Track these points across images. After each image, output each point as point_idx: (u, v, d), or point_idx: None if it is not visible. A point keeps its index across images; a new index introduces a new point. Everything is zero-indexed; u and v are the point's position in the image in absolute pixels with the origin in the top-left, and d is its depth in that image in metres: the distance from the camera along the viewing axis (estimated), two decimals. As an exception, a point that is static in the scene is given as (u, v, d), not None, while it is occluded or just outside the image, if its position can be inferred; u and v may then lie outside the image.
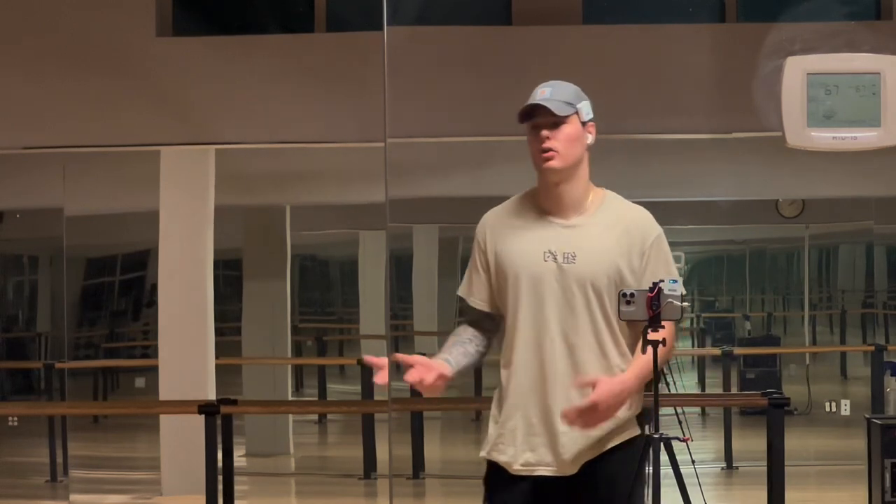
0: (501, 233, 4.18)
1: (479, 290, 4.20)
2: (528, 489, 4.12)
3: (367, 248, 12.30)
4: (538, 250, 4.11)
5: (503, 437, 4.13)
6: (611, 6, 8.07)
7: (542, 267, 4.09)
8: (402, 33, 7.26)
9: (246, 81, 7.77)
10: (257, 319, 11.45)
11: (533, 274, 4.09)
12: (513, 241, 4.15)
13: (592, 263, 4.08)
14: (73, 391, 10.53)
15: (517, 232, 4.16)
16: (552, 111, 4.06)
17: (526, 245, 4.13)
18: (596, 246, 4.10)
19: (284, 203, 11.53)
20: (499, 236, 4.18)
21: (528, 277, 4.09)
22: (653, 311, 4.01)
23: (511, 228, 4.17)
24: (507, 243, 4.16)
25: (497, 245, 4.17)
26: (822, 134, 5.91)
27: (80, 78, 7.75)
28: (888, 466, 7.43)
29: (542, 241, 4.12)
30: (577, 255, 4.09)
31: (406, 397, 10.19)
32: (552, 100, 4.08)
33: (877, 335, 11.35)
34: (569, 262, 4.09)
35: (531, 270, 4.09)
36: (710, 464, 10.25)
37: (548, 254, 4.10)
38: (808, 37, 6.28)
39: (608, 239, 4.12)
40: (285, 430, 11.36)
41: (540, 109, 4.07)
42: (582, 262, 4.08)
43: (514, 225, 4.17)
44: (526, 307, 4.10)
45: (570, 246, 4.10)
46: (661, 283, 4.03)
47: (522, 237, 4.14)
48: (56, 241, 10.14)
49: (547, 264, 4.09)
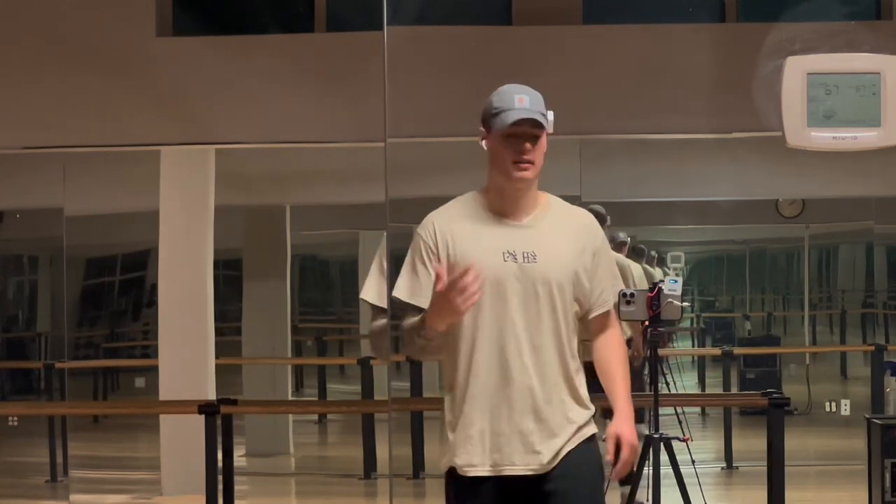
0: (455, 234, 4.15)
1: (425, 291, 4.14)
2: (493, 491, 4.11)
3: (367, 248, 12.28)
4: (496, 250, 4.11)
5: (470, 439, 4.10)
6: (611, 6, 8.07)
7: (503, 267, 4.09)
8: (402, 33, 7.26)
9: (246, 81, 7.78)
10: (257, 319, 11.44)
11: (494, 275, 4.07)
12: (469, 242, 4.12)
13: (552, 263, 4.11)
14: (73, 391, 10.53)
15: (472, 233, 4.14)
16: (538, 123, 4.08)
17: (483, 244, 4.12)
18: (553, 246, 4.13)
19: (284, 203, 11.53)
20: (452, 237, 4.14)
21: (489, 278, 4.05)
22: (653, 311, 4.03)
23: (464, 229, 4.15)
24: (462, 244, 4.13)
25: (451, 246, 4.13)
26: (822, 134, 5.91)
27: (80, 78, 7.75)
28: (888, 466, 7.42)
29: (500, 242, 4.12)
30: (537, 255, 4.10)
31: (406, 397, 10.20)
32: (534, 111, 4.08)
33: (877, 335, 11.35)
34: (529, 261, 4.10)
35: (492, 271, 4.07)
36: (710, 464, 10.24)
37: (507, 254, 4.10)
38: (808, 37, 6.29)
39: (563, 239, 4.16)
40: (285, 430, 11.36)
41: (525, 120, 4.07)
42: (542, 261, 4.10)
43: (467, 226, 4.15)
44: (488, 308, 4.08)
45: (529, 246, 4.11)
46: (661, 283, 4.04)
47: (479, 238, 4.13)
48: (56, 241, 10.14)
49: (507, 264, 4.09)
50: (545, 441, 4.09)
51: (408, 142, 7.64)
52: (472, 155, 3.90)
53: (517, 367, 4.07)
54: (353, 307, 12.50)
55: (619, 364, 4.20)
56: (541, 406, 4.08)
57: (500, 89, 4.17)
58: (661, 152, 8.70)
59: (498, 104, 4.11)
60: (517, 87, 4.14)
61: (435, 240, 4.17)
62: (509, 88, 4.15)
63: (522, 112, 4.07)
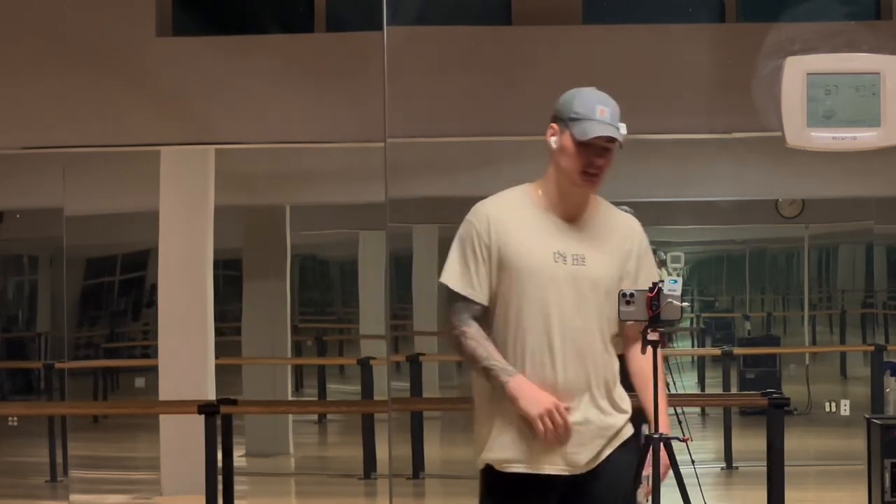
0: (507, 228, 4.13)
1: (481, 285, 4.14)
2: (529, 489, 4.12)
3: (367, 248, 12.28)
4: (547, 250, 4.11)
5: (510, 436, 4.11)
6: (611, 6, 8.07)
7: (553, 267, 4.09)
8: (402, 33, 7.27)
9: (246, 81, 7.77)
10: (257, 319, 11.44)
11: (544, 274, 4.08)
12: (520, 237, 4.12)
13: (600, 266, 4.12)
14: (73, 391, 10.53)
15: (524, 229, 4.13)
16: (614, 139, 4.10)
17: (535, 243, 4.12)
18: (601, 249, 4.14)
19: (284, 203, 11.52)
20: (503, 230, 4.13)
21: (539, 277, 4.08)
22: (653, 311, 4.02)
23: (516, 225, 4.14)
24: (514, 240, 4.12)
25: (502, 238, 4.12)
26: (821, 134, 5.92)
27: (80, 78, 7.75)
28: (888, 466, 7.42)
29: (551, 242, 4.12)
30: (586, 258, 4.11)
31: (406, 397, 10.20)
32: (613, 125, 4.10)
33: (877, 335, 11.35)
34: (578, 263, 4.11)
35: (542, 270, 4.08)
36: (710, 464, 10.24)
37: (558, 255, 4.11)
38: (808, 37, 6.29)
39: (610, 243, 4.17)
40: (285, 430, 11.35)
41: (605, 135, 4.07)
42: (590, 264, 4.11)
43: (519, 220, 4.14)
44: (535, 308, 4.08)
45: (579, 248, 4.12)
46: (660, 283, 4.04)
47: (530, 236, 4.12)
48: (56, 241, 10.13)
49: (558, 265, 4.10)
50: (584, 442, 4.11)
51: (408, 142, 7.63)
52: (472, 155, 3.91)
53: (561, 369, 4.09)
54: (353, 307, 12.49)
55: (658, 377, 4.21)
56: (582, 408, 4.10)
57: (581, 92, 4.16)
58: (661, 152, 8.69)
59: (579, 110, 4.11)
60: (599, 97, 4.14)
61: (488, 231, 4.14)
62: (592, 96, 4.14)
63: (602, 127, 4.08)
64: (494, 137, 7.88)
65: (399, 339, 11.58)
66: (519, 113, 7.59)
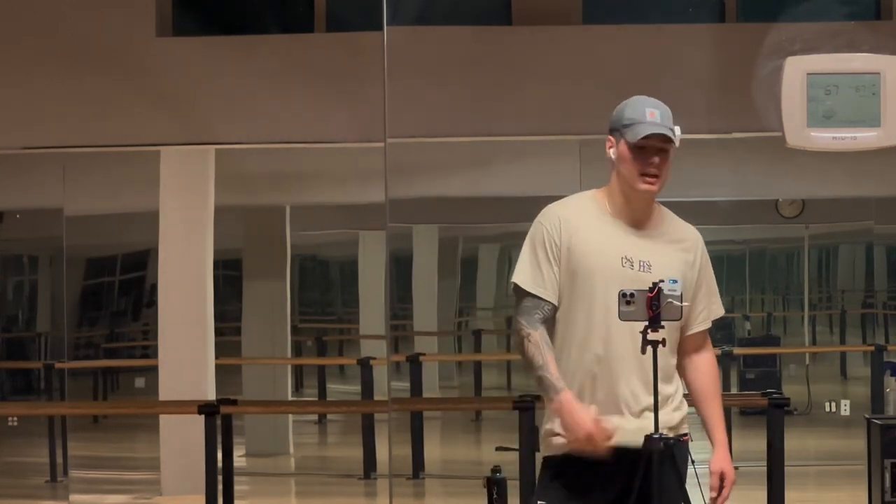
0: (578, 231, 4.21)
1: (551, 284, 4.21)
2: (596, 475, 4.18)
3: (367, 248, 12.28)
4: (616, 255, 4.18)
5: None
6: (611, 6, 8.08)
7: (621, 273, 4.16)
8: (402, 33, 7.27)
9: (246, 81, 7.78)
10: (257, 319, 11.44)
11: (611, 277, 4.14)
12: (589, 240, 4.19)
13: (665, 274, 4.15)
14: (73, 391, 10.53)
15: (593, 233, 4.21)
16: (667, 138, 4.16)
17: (603, 247, 4.19)
18: (667, 257, 4.22)
19: (284, 203, 11.53)
20: (574, 231, 4.21)
21: (607, 280, 4.14)
22: (653, 311, 4.03)
23: (586, 228, 4.21)
24: (582, 241, 4.19)
25: (572, 240, 4.20)
26: (821, 134, 5.91)
27: (80, 78, 7.75)
28: (888, 466, 7.42)
29: (619, 247, 4.19)
30: (652, 265, 4.19)
31: (406, 397, 10.20)
32: (664, 126, 4.17)
33: (877, 335, 11.35)
34: (644, 270, 4.18)
35: (610, 273, 4.15)
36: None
37: (625, 260, 4.18)
38: (808, 37, 6.29)
39: (674, 251, 4.26)
40: (285, 430, 11.35)
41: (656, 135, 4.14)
42: (656, 271, 4.17)
43: (588, 223, 4.22)
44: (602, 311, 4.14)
45: (645, 254, 4.20)
46: (660, 283, 4.05)
47: (599, 240, 4.20)
48: (56, 241, 10.13)
49: (625, 270, 4.17)
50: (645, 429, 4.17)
51: (408, 142, 7.64)
52: (472, 155, 3.91)
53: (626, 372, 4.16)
54: (353, 307, 12.49)
55: (717, 392, 4.33)
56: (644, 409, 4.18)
57: (631, 100, 4.24)
58: (660, 152, 8.68)
59: (630, 115, 4.19)
60: (649, 101, 4.23)
61: (560, 232, 4.21)
62: (641, 101, 4.23)
63: (653, 127, 4.15)
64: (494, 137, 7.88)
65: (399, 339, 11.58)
66: (519, 113, 7.59)
